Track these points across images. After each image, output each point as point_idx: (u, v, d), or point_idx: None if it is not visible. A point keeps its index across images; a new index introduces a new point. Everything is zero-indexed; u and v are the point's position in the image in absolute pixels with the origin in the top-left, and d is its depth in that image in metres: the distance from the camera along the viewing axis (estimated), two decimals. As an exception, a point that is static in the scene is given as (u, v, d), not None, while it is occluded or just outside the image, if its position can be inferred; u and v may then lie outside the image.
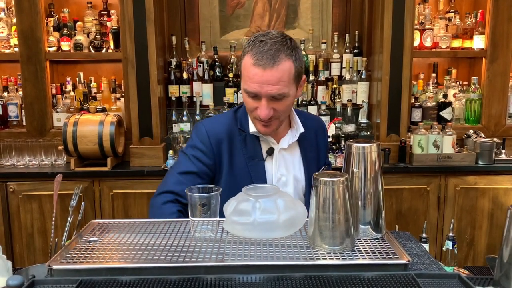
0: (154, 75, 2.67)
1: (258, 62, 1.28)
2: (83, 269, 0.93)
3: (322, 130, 1.62)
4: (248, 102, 1.37)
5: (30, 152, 2.69)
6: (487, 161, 2.67)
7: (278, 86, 1.29)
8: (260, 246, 1.00)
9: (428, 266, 1.03)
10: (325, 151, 1.62)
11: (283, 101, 1.34)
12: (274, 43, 1.30)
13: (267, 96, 1.31)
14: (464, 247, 2.68)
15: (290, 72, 1.32)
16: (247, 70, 1.32)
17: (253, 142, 1.46)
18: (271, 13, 3.15)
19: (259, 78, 1.29)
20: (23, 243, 2.61)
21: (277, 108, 1.34)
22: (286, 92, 1.32)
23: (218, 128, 1.46)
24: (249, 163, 1.44)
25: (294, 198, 1.13)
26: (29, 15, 2.71)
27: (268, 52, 1.28)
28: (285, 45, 1.31)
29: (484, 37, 2.85)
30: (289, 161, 1.50)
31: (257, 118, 1.37)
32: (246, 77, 1.33)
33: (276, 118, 1.37)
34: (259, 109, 1.33)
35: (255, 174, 1.44)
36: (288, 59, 1.31)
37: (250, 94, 1.33)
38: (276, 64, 1.28)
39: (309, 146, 1.54)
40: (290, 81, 1.33)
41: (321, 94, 2.93)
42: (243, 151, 1.45)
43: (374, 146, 1.05)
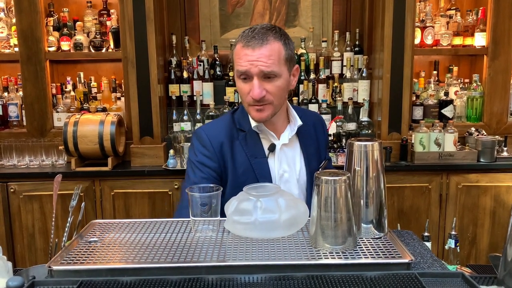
0: (154, 74, 2.66)
1: (247, 43, 1.33)
2: (83, 269, 0.92)
3: (321, 124, 1.62)
4: (241, 88, 1.39)
5: (31, 152, 2.69)
6: (489, 159, 2.65)
7: (268, 63, 1.32)
8: (261, 246, 1.00)
9: (431, 265, 1.02)
10: (325, 146, 1.62)
11: (274, 81, 1.35)
12: (262, 28, 1.35)
13: (258, 74, 1.33)
14: (466, 245, 2.68)
15: (279, 52, 1.34)
16: (237, 54, 1.36)
17: (254, 140, 1.46)
18: (271, 11, 3.14)
19: (249, 57, 1.32)
20: (24, 244, 2.61)
21: (269, 89, 1.35)
22: (277, 71, 1.34)
23: (217, 131, 1.47)
24: (253, 161, 1.44)
25: (296, 197, 1.12)
26: (29, 15, 2.70)
27: (257, 35, 1.33)
28: (273, 30, 1.36)
29: (485, 34, 2.84)
30: (290, 156, 1.50)
31: (251, 104, 1.38)
32: (237, 60, 1.36)
33: (269, 102, 1.37)
34: (251, 90, 1.35)
35: (260, 172, 1.44)
36: (277, 41, 1.34)
37: (242, 75, 1.35)
38: (265, 43, 1.32)
39: (309, 140, 1.54)
40: (281, 62, 1.35)
41: (322, 93, 2.92)
42: (245, 150, 1.45)
43: (376, 145, 1.05)
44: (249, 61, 1.32)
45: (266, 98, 1.36)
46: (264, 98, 1.35)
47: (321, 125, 1.63)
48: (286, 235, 1.05)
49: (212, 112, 2.79)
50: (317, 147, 1.56)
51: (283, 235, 1.05)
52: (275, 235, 1.04)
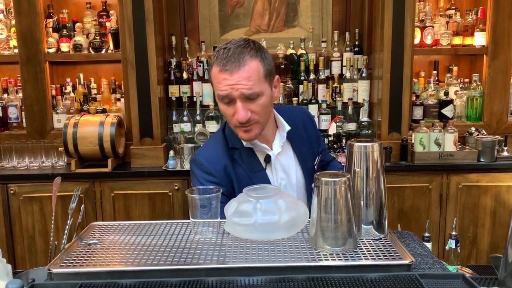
0: (154, 75, 2.66)
1: (224, 67, 1.29)
2: (83, 272, 0.92)
3: (309, 119, 1.62)
4: (225, 111, 1.37)
5: (31, 153, 2.69)
6: (489, 159, 2.65)
7: (248, 85, 1.29)
8: (261, 248, 0.99)
9: (432, 266, 1.02)
10: (317, 139, 1.61)
11: (257, 101, 1.33)
12: (236, 47, 1.31)
13: (240, 97, 1.30)
14: (466, 245, 2.67)
15: (258, 70, 1.31)
16: (216, 78, 1.33)
17: (249, 155, 1.46)
18: (270, 12, 3.14)
19: (229, 81, 1.29)
20: (25, 245, 2.61)
21: (254, 109, 1.33)
22: (259, 91, 1.32)
23: (217, 156, 1.46)
24: (253, 177, 1.44)
25: (296, 198, 1.12)
26: (28, 16, 2.70)
27: (232, 57, 1.29)
28: (248, 47, 1.32)
29: (485, 34, 2.84)
30: (285, 163, 1.51)
31: (237, 126, 1.36)
32: (216, 84, 1.33)
33: (255, 121, 1.35)
34: (236, 113, 1.32)
35: None
36: (253, 59, 1.31)
37: (224, 99, 1.33)
38: (242, 65, 1.29)
39: (300, 141, 1.54)
40: (261, 80, 1.32)
41: (322, 93, 2.92)
42: (243, 166, 1.44)
43: (376, 145, 1.04)
44: (229, 86, 1.30)
45: (252, 118, 1.34)
46: (250, 119, 1.33)
47: (309, 120, 1.63)
48: (286, 237, 1.05)
49: (212, 113, 2.79)
50: (310, 145, 1.56)
51: (283, 237, 1.04)
52: (275, 237, 1.04)
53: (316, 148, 1.59)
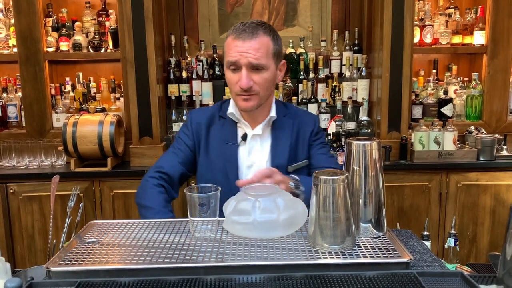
0: (153, 75, 2.66)
1: (238, 36, 1.41)
2: (81, 270, 0.92)
3: (311, 125, 1.60)
4: (230, 78, 1.46)
5: (30, 153, 2.69)
6: (489, 158, 2.65)
7: (257, 55, 1.39)
8: (260, 246, 0.99)
9: (430, 264, 1.02)
10: (308, 146, 1.58)
11: (262, 73, 1.42)
12: (253, 23, 1.44)
13: (246, 64, 1.40)
14: (466, 244, 2.67)
15: (268, 46, 1.42)
16: (228, 45, 1.43)
17: (230, 127, 1.55)
18: (270, 11, 3.14)
19: (239, 48, 1.40)
20: (24, 245, 2.61)
21: (256, 80, 1.42)
22: (265, 64, 1.41)
23: (200, 114, 1.61)
24: (223, 147, 1.53)
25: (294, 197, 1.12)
26: (28, 16, 2.70)
27: (247, 29, 1.41)
28: (263, 26, 1.45)
29: (484, 33, 2.83)
30: (260, 148, 1.54)
31: (238, 93, 1.45)
32: (227, 51, 1.44)
33: (256, 93, 1.44)
34: (240, 80, 1.41)
35: (227, 157, 1.52)
36: (266, 35, 1.43)
37: (232, 65, 1.42)
38: (255, 36, 1.40)
39: (282, 136, 1.55)
40: (269, 55, 1.43)
41: (321, 92, 2.92)
42: (219, 134, 1.54)
43: (374, 144, 1.04)
44: (238, 52, 1.40)
45: (253, 88, 1.43)
46: (251, 89, 1.42)
47: (311, 125, 1.60)
48: (285, 235, 1.05)
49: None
50: (293, 145, 1.55)
51: (282, 235, 1.04)
52: (274, 235, 1.04)
53: (302, 152, 1.56)
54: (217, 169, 1.52)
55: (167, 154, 1.61)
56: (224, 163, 1.51)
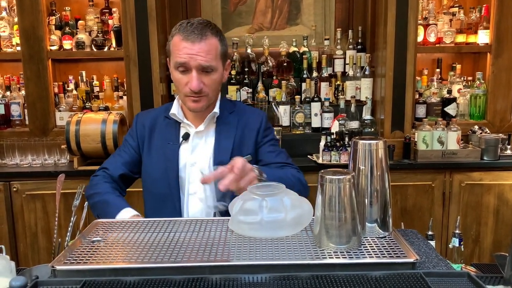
0: (156, 73, 2.66)
1: (186, 37, 1.39)
2: (86, 269, 0.92)
3: (258, 123, 1.58)
4: (179, 79, 1.44)
5: (33, 151, 2.69)
6: (493, 157, 2.64)
7: (207, 58, 1.40)
8: (265, 246, 0.99)
9: (437, 264, 1.01)
10: (254, 143, 1.56)
11: (211, 75, 1.43)
12: (200, 23, 1.42)
13: (196, 66, 1.40)
14: (469, 243, 2.67)
15: (216, 47, 1.43)
16: (176, 46, 1.41)
17: (173, 128, 1.55)
18: (273, 9, 3.13)
19: (189, 50, 1.39)
20: (27, 243, 2.61)
21: (206, 82, 1.43)
22: (214, 66, 1.42)
23: (145, 116, 1.63)
24: (164, 147, 1.53)
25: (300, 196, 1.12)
26: (31, 14, 2.70)
27: (195, 30, 1.40)
28: (210, 26, 1.44)
29: (488, 32, 2.82)
30: (203, 145, 1.54)
31: (187, 95, 1.44)
32: (175, 52, 1.42)
33: (205, 94, 1.45)
34: (189, 82, 1.41)
35: (168, 157, 1.52)
36: (214, 37, 1.43)
37: (180, 66, 1.41)
38: (204, 38, 1.39)
39: (226, 132, 1.54)
40: (217, 57, 1.44)
41: (325, 91, 2.91)
42: (162, 134, 1.55)
43: (380, 143, 1.04)
44: (188, 54, 1.39)
45: (203, 90, 1.44)
46: (201, 90, 1.43)
47: (257, 123, 1.58)
48: (291, 234, 1.05)
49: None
50: (237, 141, 1.53)
51: (289, 234, 1.04)
52: (281, 234, 1.04)
53: (246, 149, 1.54)
54: (158, 168, 1.53)
55: (112, 156, 1.64)
56: (165, 163, 1.52)
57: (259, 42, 3.07)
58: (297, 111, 2.83)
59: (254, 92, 2.92)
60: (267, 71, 2.99)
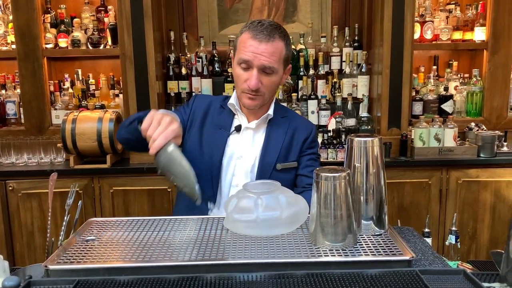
0: (152, 71, 2.64)
1: (255, 36, 1.41)
2: (80, 269, 0.91)
3: (305, 132, 1.59)
4: (239, 75, 1.46)
5: (29, 150, 2.67)
6: (489, 154, 2.65)
7: (271, 59, 1.41)
8: (260, 244, 0.99)
9: (433, 262, 1.01)
10: (299, 151, 1.57)
11: (271, 76, 1.45)
12: (270, 24, 1.45)
13: (258, 66, 1.41)
14: (466, 240, 2.67)
15: (281, 51, 1.45)
16: (243, 42, 1.43)
17: (227, 116, 1.57)
18: (270, 7, 3.12)
19: (254, 49, 1.41)
20: (24, 242, 2.60)
21: (264, 82, 1.45)
22: (276, 68, 1.44)
23: (203, 98, 1.65)
24: (215, 131, 1.55)
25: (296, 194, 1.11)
26: (26, 12, 2.68)
27: (265, 30, 1.42)
28: (280, 29, 1.46)
29: (485, 29, 2.82)
30: (250, 142, 1.55)
31: (245, 91, 1.46)
32: (241, 48, 1.44)
33: (261, 94, 1.47)
34: (249, 79, 1.43)
35: (216, 142, 1.53)
36: (281, 40, 1.45)
37: (243, 63, 1.43)
38: (271, 40, 1.41)
39: (275, 134, 1.56)
40: (280, 60, 1.46)
41: (321, 88, 2.90)
42: (214, 120, 1.57)
43: (376, 140, 1.03)
44: (253, 52, 1.41)
45: (260, 90, 1.45)
46: (258, 89, 1.44)
47: (307, 132, 1.60)
48: (287, 232, 1.04)
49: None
50: (286, 145, 1.55)
51: (284, 232, 1.04)
52: (276, 232, 1.03)
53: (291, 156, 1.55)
54: (204, 151, 1.53)
55: None
56: (212, 147, 1.52)
57: (255, 39, 3.05)
58: (294, 109, 2.82)
59: (251, 90, 2.91)
60: (263, 69, 2.98)
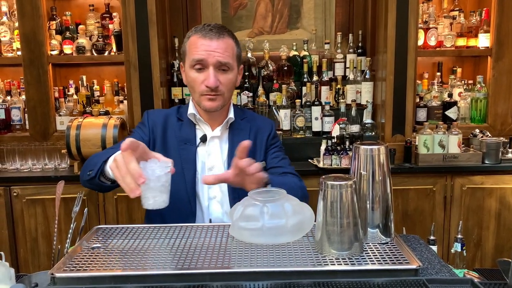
0: (156, 78, 2.65)
1: (205, 35, 1.43)
2: (86, 277, 0.91)
3: (268, 130, 1.62)
4: (194, 78, 1.45)
5: (34, 156, 2.68)
6: (494, 161, 2.64)
7: (224, 55, 1.42)
8: (266, 252, 0.98)
9: (439, 270, 1.00)
10: (265, 150, 1.60)
11: (227, 74, 1.46)
12: (216, 25, 1.47)
13: (214, 63, 1.42)
14: (471, 247, 2.65)
15: (233, 48, 1.47)
16: (194, 44, 1.44)
17: (189, 129, 1.55)
18: (273, 13, 3.13)
19: (207, 47, 1.42)
20: (28, 248, 2.60)
21: (222, 80, 1.45)
22: (231, 64, 1.45)
23: (157, 114, 1.61)
24: (181, 146, 1.52)
25: (301, 202, 1.11)
26: (31, 19, 2.70)
27: (213, 30, 1.44)
28: (226, 29, 1.49)
29: (489, 35, 2.82)
30: (219, 151, 1.55)
31: (203, 93, 1.45)
32: (193, 50, 1.44)
33: (221, 93, 1.46)
34: (206, 79, 1.43)
35: (185, 158, 1.51)
36: (231, 37, 1.47)
37: (198, 63, 1.43)
38: (222, 37, 1.44)
39: (240, 138, 1.53)
40: (234, 57, 1.47)
41: (325, 95, 2.91)
42: (177, 135, 1.54)
43: (382, 148, 1.03)
44: (206, 51, 1.41)
45: (219, 88, 1.45)
46: (217, 88, 1.44)
47: (268, 130, 1.62)
48: (292, 240, 1.04)
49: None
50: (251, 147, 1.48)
51: (290, 240, 1.04)
52: (282, 241, 1.03)
53: (258, 157, 1.57)
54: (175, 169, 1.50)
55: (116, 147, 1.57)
56: (181, 164, 1.49)
57: (259, 46, 3.07)
58: (297, 115, 2.82)
59: (255, 96, 2.92)
60: (267, 75, 2.99)
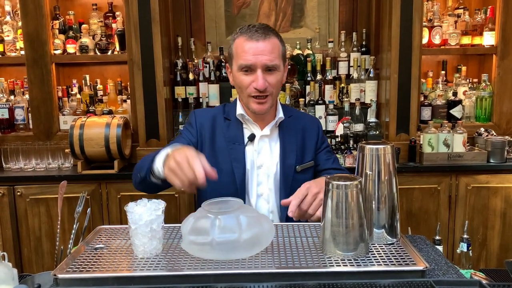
0: (160, 77, 2.65)
1: (251, 37, 1.43)
2: (89, 278, 0.90)
3: (315, 128, 1.65)
4: (242, 80, 1.46)
5: (37, 155, 2.68)
6: (499, 160, 2.62)
7: (271, 56, 1.43)
8: (271, 253, 0.97)
9: (446, 271, 0.99)
10: (314, 149, 1.61)
11: (274, 74, 1.46)
12: (261, 25, 1.47)
13: (262, 66, 1.42)
14: (476, 247, 2.64)
15: (278, 47, 1.47)
16: (241, 47, 1.44)
17: (236, 128, 1.55)
18: (277, 12, 3.12)
19: (254, 50, 1.42)
20: (31, 247, 2.60)
21: (270, 81, 1.45)
22: (278, 65, 1.45)
23: (204, 114, 1.62)
24: (229, 146, 1.53)
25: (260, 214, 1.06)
26: (35, 18, 2.70)
27: (258, 30, 1.44)
28: (270, 28, 1.49)
29: (494, 33, 2.80)
30: (268, 149, 1.55)
31: (252, 95, 1.46)
32: (240, 53, 1.44)
33: (270, 93, 1.46)
34: (255, 82, 1.43)
35: (235, 157, 1.51)
36: (276, 37, 1.48)
37: (245, 67, 1.43)
38: (267, 37, 1.43)
39: (290, 137, 1.57)
40: (280, 56, 1.47)
41: (329, 94, 2.89)
42: (225, 134, 1.54)
43: (388, 148, 1.02)
44: (253, 55, 1.41)
45: (268, 89, 1.45)
46: (266, 90, 1.44)
47: (315, 129, 1.65)
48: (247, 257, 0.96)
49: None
50: (300, 145, 1.58)
51: (244, 257, 0.96)
52: (234, 257, 0.95)
53: (308, 154, 1.59)
54: (224, 170, 1.51)
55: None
56: (231, 163, 1.51)
57: (262, 45, 3.05)
58: (301, 114, 2.81)
59: (258, 95, 2.91)
60: (271, 74, 2.97)
